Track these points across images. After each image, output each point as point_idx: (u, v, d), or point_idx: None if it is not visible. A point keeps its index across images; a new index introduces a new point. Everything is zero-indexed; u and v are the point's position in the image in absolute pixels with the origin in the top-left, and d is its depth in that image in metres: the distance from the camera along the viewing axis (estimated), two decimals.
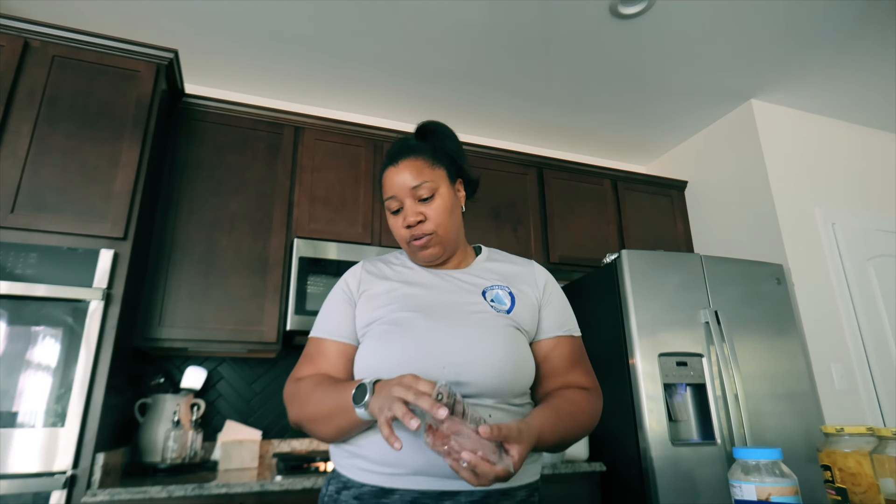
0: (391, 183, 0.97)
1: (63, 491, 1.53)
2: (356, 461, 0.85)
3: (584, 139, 3.38)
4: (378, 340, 0.89)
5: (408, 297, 0.94)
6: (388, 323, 0.91)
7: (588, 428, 0.92)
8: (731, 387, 2.15)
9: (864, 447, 0.95)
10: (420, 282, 0.98)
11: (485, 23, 2.33)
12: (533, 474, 0.89)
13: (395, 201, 0.97)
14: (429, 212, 0.95)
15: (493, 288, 0.97)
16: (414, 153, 0.98)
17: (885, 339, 2.74)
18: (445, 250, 0.99)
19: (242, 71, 2.65)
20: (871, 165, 3.17)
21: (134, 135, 1.93)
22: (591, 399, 0.94)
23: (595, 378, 1.00)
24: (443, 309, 0.92)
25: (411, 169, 0.96)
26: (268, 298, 2.19)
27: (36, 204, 1.74)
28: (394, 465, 0.81)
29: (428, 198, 0.96)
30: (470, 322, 0.90)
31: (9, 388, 1.55)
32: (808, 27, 2.38)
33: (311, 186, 2.41)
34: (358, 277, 1.00)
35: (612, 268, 2.32)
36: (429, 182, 0.96)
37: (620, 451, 2.15)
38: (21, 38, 1.88)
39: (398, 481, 0.81)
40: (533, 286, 1.01)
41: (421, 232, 0.95)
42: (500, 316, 0.92)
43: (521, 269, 1.04)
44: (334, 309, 0.98)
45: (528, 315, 0.96)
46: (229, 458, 2.07)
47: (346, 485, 0.85)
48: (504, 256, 1.08)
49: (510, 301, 0.95)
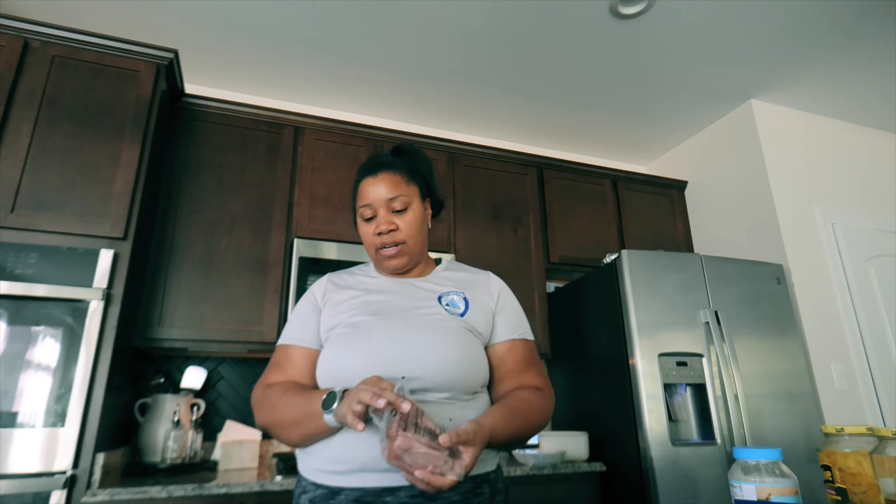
0: (368, 192, 1.04)
1: (63, 491, 1.53)
2: (313, 462, 0.91)
3: (584, 139, 3.38)
4: (337, 343, 0.96)
5: (367, 303, 1.01)
6: (347, 326, 0.97)
7: (539, 425, 0.98)
8: (731, 387, 2.15)
9: (864, 447, 0.95)
10: (381, 289, 1.05)
11: (485, 23, 2.33)
12: (483, 467, 0.93)
13: (370, 209, 1.03)
14: (401, 223, 1.03)
15: (449, 294, 1.04)
16: (392, 168, 1.06)
17: (885, 339, 2.74)
18: (411, 260, 1.06)
19: (242, 71, 2.65)
20: (871, 165, 3.17)
21: (134, 135, 1.93)
22: (543, 398, 1.01)
23: (548, 379, 1.06)
24: (399, 312, 0.99)
25: (389, 182, 1.04)
26: (268, 298, 2.19)
27: (36, 204, 1.74)
28: (342, 461, 0.86)
29: (401, 210, 1.04)
30: (423, 323, 0.96)
31: (9, 388, 1.55)
32: (808, 27, 2.38)
33: (311, 186, 2.41)
34: (323, 287, 1.08)
35: (612, 268, 2.32)
36: (404, 196, 1.04)
37: (620, 451, 2.15)
38: (21, 38, 1.88)
39: (344, 479, 0.86)
40: (487, 294, 1.07)
41: (392, 240, 1.02)
42: (454, 318, 0.99)
43: (477, 278, 1.11)
44: (300, 317, 1.05)
45: (481, 319, 1.02)
46: (229, 458, 2.07)
47: (305, 489, 0.92)
48: (462, 267, 1.15)
49: (464, 305, 1.02)
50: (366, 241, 1.05)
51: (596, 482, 2.13)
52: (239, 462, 2.08)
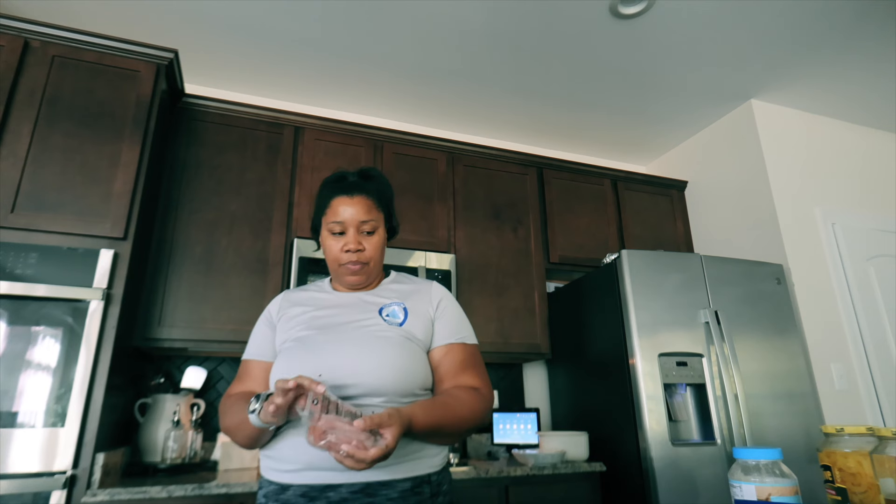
0: (341, 210, 1.10)
1: (63, 491, 1.53)
2: (268, 461, 0.99)
3: (584, 139, 3.38)
4: (284, 356, 1.03)
5: (314, 318, 1.08)
6: (293, 341, 1.05)
7: (468, 420, 1.00)
8: (731, 387, 2.15)
9: (864, 447, 0.95)
10: (330, 304, 1.12)
11: (485, 23, 2.33)
12: (423, 468, 0.97)
13: (340, 226, 1.10)
14: (368, 245, 1.11)
15: (391, 305, 1.11)
16: (366, 192, 1.12)
17: (885, 339, 2.74)
18: (369, 279, 1.15)
19: (242, 71, 2.65)
20: (871, 165, 3.17)
21: (134, 135, 1.93)
22: (475, 396, 1.04)
23: (487, 382, 1.10)
24: (339, 326, 1.06)
25: (363, 205, 1.11)
26: (268, 298, 2.18)
27: (36, 204, 1.74)
28: (289, 461, 0.93)
29: (370, 233, 1.11)
30: (359, 335, 1.04)
31: (9, 388, 1.55)
32: (808, 27, 2.38)
33: (311, 186, 2.41)
34: (278, 305, 1.15)
35: (612, 268, 2.32)
36: (373, 221, 1.11)
37: (620, 451, 2.15)
38: (21, 38, 1.88)
39: (292, 477, 0.93)
40: (427, 302, 1.13)
41: (358, 259, 1.09)
42: (392, 328, 1.06)
43: (419, 288, 1.17)
44: (258, 333, 1.14)
45: (420, 326, 1.08)
46: (229, 458, 2.07)
47: (261, 485, 0.99)
48: (407, 279, 1.21)
49: (403, 315, 1.09)
50: (330, 254, 1.12)
51: (596, 482, 2.13)
52: (239, 462, 2.08)
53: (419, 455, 0.97)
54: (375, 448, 0.78)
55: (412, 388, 1.00)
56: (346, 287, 1.15)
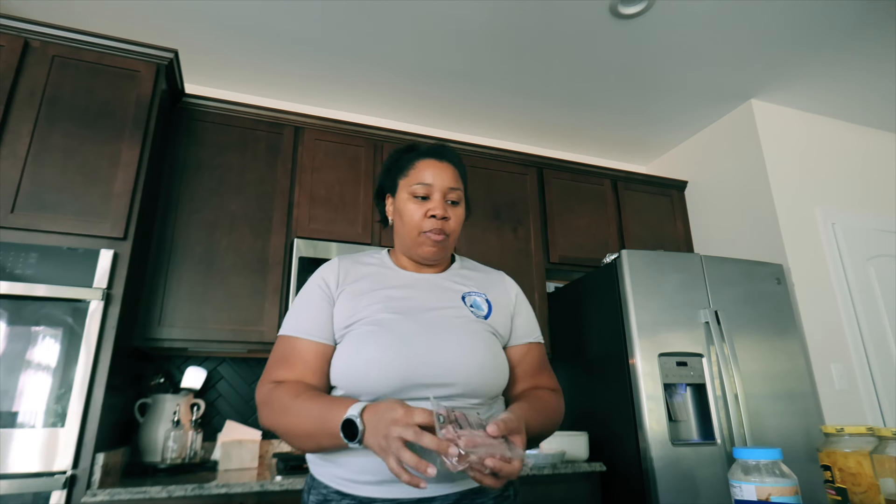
0: (431, 172, 1.00)
1: (63, 491, 1.53)
2: (336, 470, 0.86)
3: (584, 139, 3.38)
4: (361, 340, 0.89)
5: (391, 298, 0.96)
6: (371, 323, 0.91)
7: (556, 424, 0.98)
8: (731, 387, 2.15)
9: (864, 447, 0.95)
10: (401, 283, 1.00)
11: (485, 23, 2.33)
12: None
13: (426, 189, 0.99)
14: (452, 216, 1.00)
15: (472, 294, 1.01)
16: (455, 162, 1.05)
17: (885, 339, 2.74)
18: (445, 255, 1.04)
19: (242, 71, 2.65)
20: (871, 165, 3.17)
21: (134, 135, 1.93)
22: (558, 399, 1.02)
23: (557, 381, 1.08)
24: (426, 313, 0.95)
25: (452, 173, 1.02)
26: (268, 298, 2.19)
27: (36, 204, 1.74)
28: (372, 472, 0.82)
29: (455, 203, 1.02)
30: (451, 326, 0.93)
31: (9, 388, 1.55)
32: (808, 27, 2.38)
33: (311, 186, 2.41)
34: (336, 275, 0.99)
35: (612, 268, 2.32)
36: (460, 191, 1.03)
37: (620, 451, 2.15)
38: (21, 38, 1.88)
39: (375, 490, 0.82)
40: (506, 295, 1.07)
41: (442, 227, 0.98)
42: (479, 321, 0.97)
43: (495, 279, 1.10)
44: (312, 307, 0.95)
45: (502, 321, 1.01)
46: (229, 458, 2.07)
47: (326, 497, 0.86)
48: (476, 265, 1.13)
49: (487, 307, 1.01)
50: (410, 219, 0.98)
51: (596, 482, 2.13)
52: (239, 462, 2.08)
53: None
54: (518, 461, 0.70)
55: (501, 388, 0.95)
56: (419, 260, 1.03)
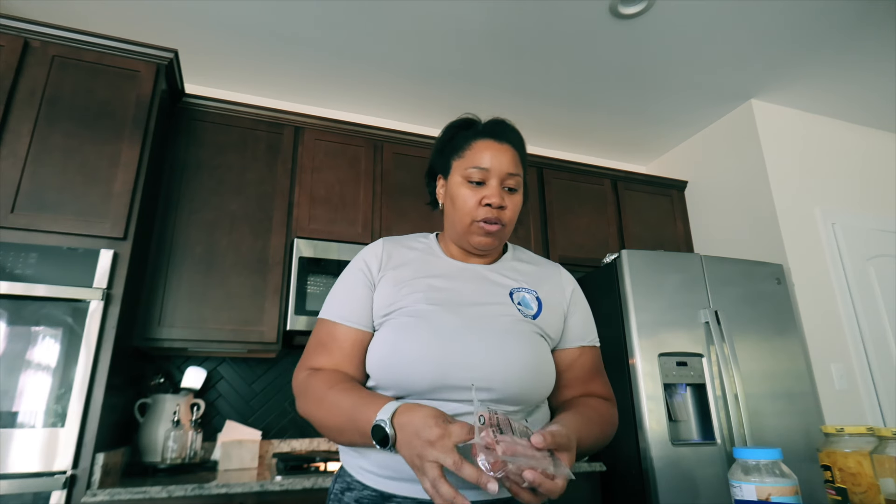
0: (489, 155, 0.91)
1: (63, 491, 1.53)
2: (361, 461, 0.84)
3: (584, 139, 3.38)
4: (398, 332, 0.84)
5: (433, 288, 0.88)
6: (410, 315, 0.85)
7: (609, 437, 0.89)
8: (731, 387, 2.15)
9: (864, 447, 0.95)
10: (446, 273, 0.92)
11: (485, 23, 2.33)
12: None
13: (482, 173, 0.90)
14: (510, 203, 0.91)
15: (520, 290, 0.93)
16: (516, 143, 0.94)
17: (885, 339, 2.74)
18: (499, 245, 0.95)
19: (242, 71, 2.65)
20: (871, 165, 3.17)
21: (134, 135, 1.93)
22: (612, 409, 0.93)
23: (611, 388, 0.98)
24: (469, 308, 0.87)
25: (513, 156, 0.92)
26: (268, 298, 2.19)
27: (36, 204, 1.74)
28: (393, 468, 0.79)
29: (513, 190, 0.92)
30: (496, 326, 0.85)
31: (9, 388, 1.55)
32: (808, 27, 2.38)
33: (311, 186, 2.41)
34: (379, 258, 0.94)
35: (612, 268, 2.32)
36: (519, 177, 0.93)
37: (620, 451, 2.15)
38: (21, 38, 1.88)
39: (397, 487, 0.79)
40: (560, 293, 0.97)
41: (498, 217, 0.90)
42: (526, 321, 0.88)
43: (549, 273, 1.00)
44: (352, 291, 0.91)
45: (553, 322, 0.93)
46: (229, 458, 2.07)
47: (350, 486, 0.85)
48: (530, 257, 1.04)
49: (537, 306, 0.91)
50: (463, 206, 0.90)
51: (596, 482, 2.13)
52: (239, 462, 2.08)
53: None
54: (561, 479, 0.63)
55: (544, 396, 0.87)
56: (469, 249, 0.94)
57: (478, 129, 0.95)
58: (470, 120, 1.00)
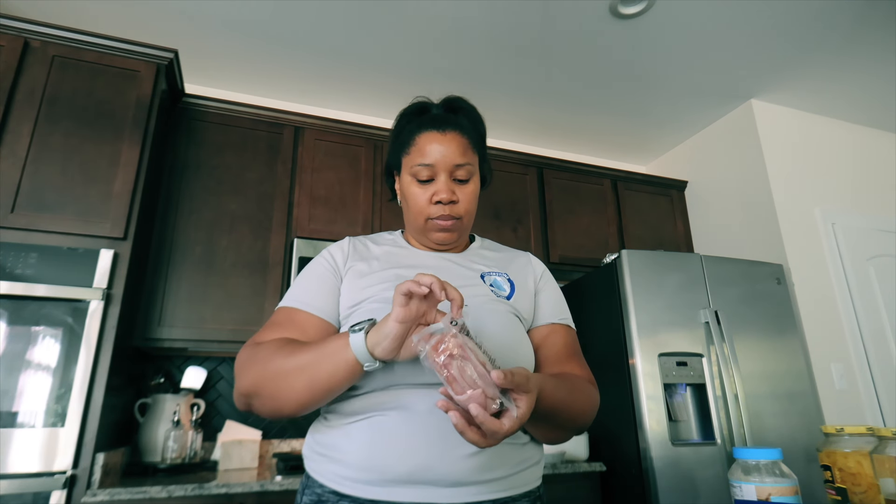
0: (432, 150, 0.86)
1: (63, 491, 1.53)
2: (333, 467, 0.76)
3: (584, 139, 3.38)
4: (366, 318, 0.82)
5: (401, 277, 0.85)
6: (378, 301, 0.81)
7: (584, 412, 0.83)
8: (731, 387, 2.15)
9: (864, 447, 0.95)
10: (414, 263, 0.90)
11: (485, 23, 2.33)
12: (535, 480, 0.83)
13: (429, 170, 0.87)
14: (462, 195, 0.88)
15: (491, 274, 0.91)
16: (461, 129, 0.90)
17: (885, 339, 2.74)
18: (460, 238, 0.93)
19: (242, 71, 2.65)
20: (871, 165, 3.17)
21: (134, 135, 1.93)
22: (593, 390, 0.87)
23: (591, 372, 0.93)
24: None
25: (459, 145, 0.88)
26: (268, 298, 2.19)
27: (36, 204, 1.74)
28: (377, 470, 0.72)
29: (464, 180, 0.89)
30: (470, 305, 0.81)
31: (9, 388, 1.55)
32: (808, 27, 2.38)
33: (311, 186, 2.41)
34: (345, 252, 0.91)
35: (612, 268, 2.32)
36: (470, 165, 0.89)
37: (620, 451, 2.15)
38: (21, 38, 1.88)
39: (380, 492, 0.72)
40: (531, 274, 0.96)
41: (451, 213, 0.87)
42: (501, 301, 0.87)
43: (516, 258, 0.99)
44: (317, 279, 0.87)
45: (525, 303, 0.91)
46: (229, 458, 2.07)
47: (321, 498, 0.76)
48: (498, 246, 1.04)
49: (510, 287, 0.90)
50: (415, 205, 0.88)
51: (596, 482, 2.13)
52: (239, 462, 2.08)
53: (533, 464, 0.82)
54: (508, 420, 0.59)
55: None
56: (432, 245, 0.93)
57: (422, 120, 0.91)
58: (421, 105, 0.96)
